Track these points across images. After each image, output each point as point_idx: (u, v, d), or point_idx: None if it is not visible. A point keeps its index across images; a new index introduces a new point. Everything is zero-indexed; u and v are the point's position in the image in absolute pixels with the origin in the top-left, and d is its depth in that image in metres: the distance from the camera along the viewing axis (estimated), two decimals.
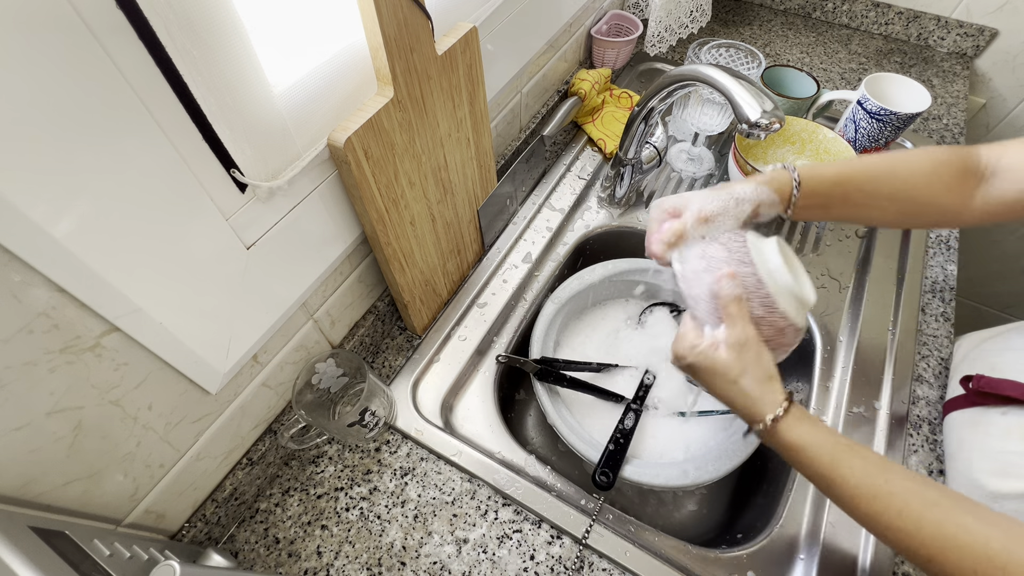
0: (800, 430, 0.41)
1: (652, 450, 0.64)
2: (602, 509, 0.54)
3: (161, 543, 0.44)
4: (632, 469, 0.56)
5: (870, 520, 0.38)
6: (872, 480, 0.38)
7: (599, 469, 0.55)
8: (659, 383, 0.69)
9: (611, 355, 0.72)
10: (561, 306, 0.69)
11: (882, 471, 0.38)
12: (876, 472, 0.38)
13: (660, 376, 0.70)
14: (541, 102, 0.87)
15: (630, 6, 1.04)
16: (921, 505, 0.36)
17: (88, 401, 0.36)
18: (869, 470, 0.38)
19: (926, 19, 1.05)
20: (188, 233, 0.37)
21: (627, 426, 0.60)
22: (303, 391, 0.53)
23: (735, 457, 0.56)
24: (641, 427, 0.65)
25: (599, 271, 0.72)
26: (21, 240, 0.28)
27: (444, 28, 0.52)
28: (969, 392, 0.57)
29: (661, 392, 0.68)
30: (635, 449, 0.63)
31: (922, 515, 0.35)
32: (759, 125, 0.51)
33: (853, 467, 0.39)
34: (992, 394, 0.54)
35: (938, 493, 0.36)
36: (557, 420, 0.59)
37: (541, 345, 0.66)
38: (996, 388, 0.54)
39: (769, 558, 0.52)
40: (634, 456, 0.60)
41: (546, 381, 0.63)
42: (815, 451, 0.40)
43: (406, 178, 0.53)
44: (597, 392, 0.65)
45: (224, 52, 0.34)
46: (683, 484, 0.55)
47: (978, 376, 0.56)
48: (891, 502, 0.37)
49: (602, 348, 0.73)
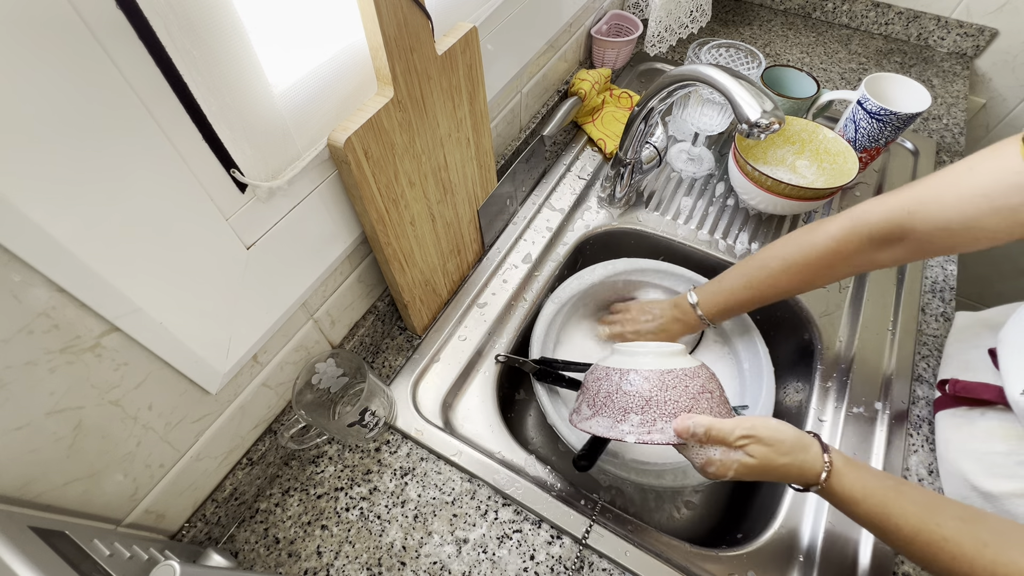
0: (849, 479, 0.42)
1: (651, 449, 0.64)
2: (602, 509, 0.54)
3: (161, 543, 0.44)
4: (632, 469, 0.56)
5: (926, 563, 0.40)
6: (925, 526, 0.39)
7: (580, 453, 0.54)
8: None
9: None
10: (561, 306, 0.69)
11: (933, 514, 0.39)
12: (928, 517, 0.39)
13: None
14: (541, 102, 0.87)
15: (630, 6, 1.04)
16: (973, 548, 0.37)
17: (88, 401, 0.36)
18: (921, 516, 0.39)
19: (926, 19, 1.05)
20: (188, 233, 0.37)
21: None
22: (303, 391, 0.53)
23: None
24: None
25: (599, 271, 0.72)
26: (21, 240, 0.28)
27: (444, 28, 0.52)
28: (946, 395, 0.58)
29: None
30: (634, 448, 0.63)
31: (975, 560, 0.37)
32: (759, 125, 0.51)
33: (906, 514, 0.40)
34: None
35: (988, 532, 0.38)
36: (557, 420, 0.59)
37: (541, 345, 0.66)
38: (971, 392, 0.54)
39: (769, 558, 0.52)
40: (633, 456, 0.60)
41: (545, 381, 0.63)
42: (868, 504, 0.41)
43: (406, 178, 0.53)
44: None
45: (224, 52, 0.34)
46: (683, 484, 0.55)
47: (953, 380, 0.56)
48: (944, 547, 0.38)
49: (602, 347, 0.73)
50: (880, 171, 0.85)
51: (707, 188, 0.84)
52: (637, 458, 0.59)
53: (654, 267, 0.74)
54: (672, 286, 0.74)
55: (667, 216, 0.80)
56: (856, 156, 0.74)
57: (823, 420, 0.61)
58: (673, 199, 0.83)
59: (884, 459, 0.57)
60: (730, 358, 0.71)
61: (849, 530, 0.53)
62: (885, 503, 0.41)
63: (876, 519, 0.41)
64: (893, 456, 0.57)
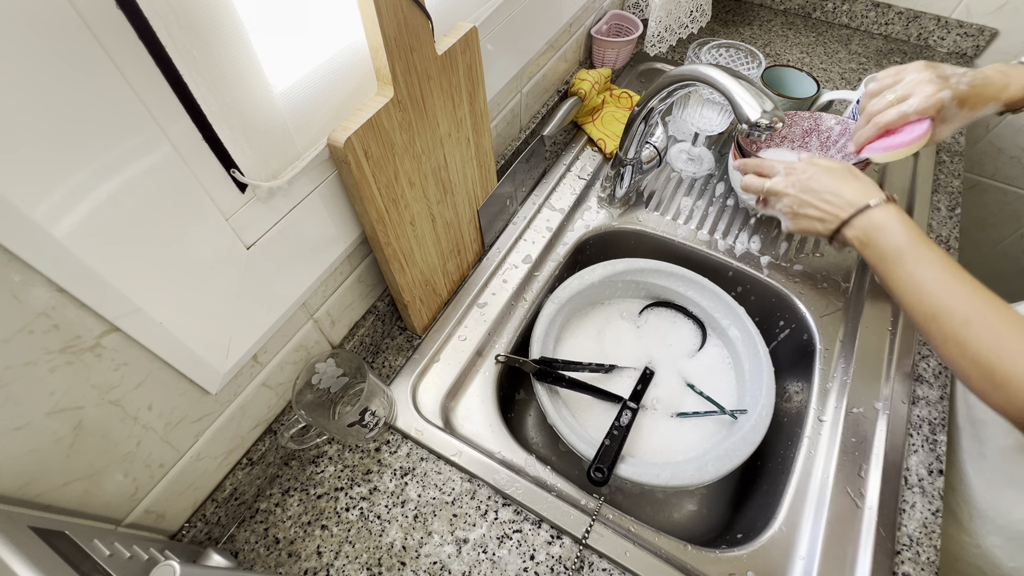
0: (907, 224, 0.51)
1: (651, 449, 0.64)
2: (602, 509, 0.54)
3: (161, 543, 0.44)
4: (632, 469, 0.56)
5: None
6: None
7: (593, 465, 0.55)
8: (658, 381, 0.69)
9: (611, 354, 0.72)
10: (561, 306, 0.69)
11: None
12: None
13: (659, 373, 0.70)
14: (541, 102, 0.87)
15: (630, 6, 1.04)
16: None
17: (88, 401, 0.36)
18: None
19: (926, 19, 1.05)
20: (188, 233, 0.37)
21: (623, 423, 0.60)
22: (303, 391, 0.53)
23: (735, 457, 0.56)
24: (640, 427, 0.65)
25: (599, 271, 0.72)
26: (21, 240, 0.28)
27: (444, 28, 0.52)
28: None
29: (659, 392, 0.69)
30: (634, 448, 0.63)
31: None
32: (759, 125, 0.51)
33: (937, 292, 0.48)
34: None
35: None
36: (557, 420, 0.59)
37: (541, 345, 0.66)
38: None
39: (769, 558, 0.52)
40: (632, 456, 0.60)
41: (546, 381, 0.63)
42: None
43: (406, 178, 0.53)
44: (596, 393, 0.65)
45: (224, 52, 0.34)
46: (683, 484, 0.55)
47: None
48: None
49: (602, 347, 0.73)
50: (880, 171, 0.85)
51: (707, 188, 0.84)
52: (635, 457, 0.59)
53: (654, 267, 0.74)
54: (671, 286, 0.74)
55: (667, 216, 0.80)
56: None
57: (823, 420, 0.61)
58: (673, 199, 0.83)
59: (884, 459, 0.57)
60: (729, 361, 0.71)
61: (849, 530, 0.53)
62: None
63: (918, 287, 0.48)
64: (893, 456, 0.57)
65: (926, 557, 0.52)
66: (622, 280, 0.74)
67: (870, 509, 0.54)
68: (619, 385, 0.68)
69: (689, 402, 0.68)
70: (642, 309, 0.77)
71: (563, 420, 0.59)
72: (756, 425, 0.59)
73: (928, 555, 0.52)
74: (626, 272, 0.73)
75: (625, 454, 0.58)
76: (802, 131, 0.77)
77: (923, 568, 0.51)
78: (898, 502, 0.54)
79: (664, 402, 0.68)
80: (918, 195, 0.81)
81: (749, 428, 0.59)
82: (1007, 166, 1.14)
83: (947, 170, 0.85)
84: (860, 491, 0.55)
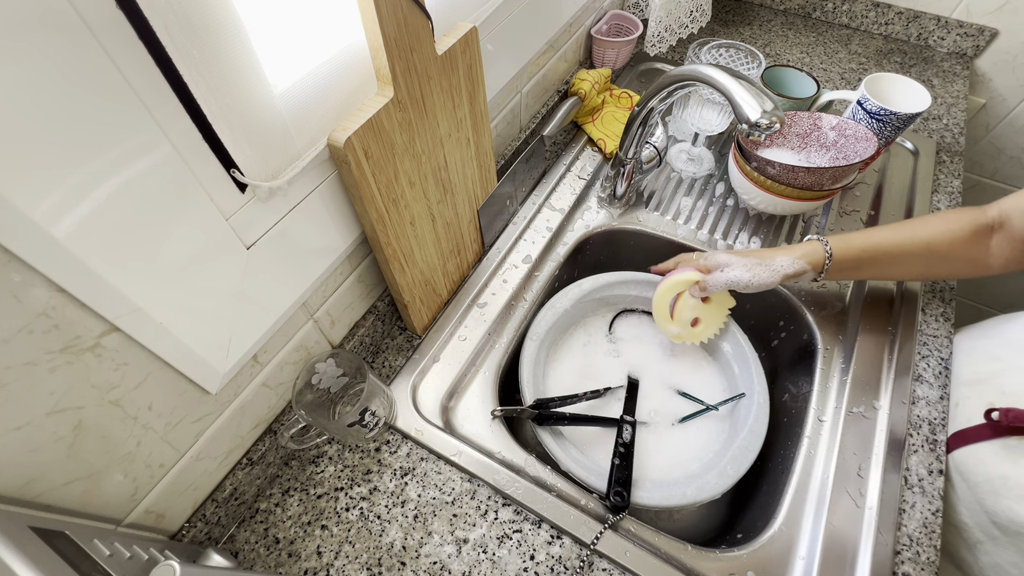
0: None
1: (664, 465, 0.62)
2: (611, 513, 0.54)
3: (161, 543, 0.44)
4: (658, 494, 0.55)
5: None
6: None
7: (611, 489, 0.53)
8: (647, 391, 0.68)
9: (593, 374, 0.71)
10: (541, 342, 0.67)
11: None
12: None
13: (644, 381, 0.69)
14: (541, 102, 0.87)
15: (630, 6, 1.04)
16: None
17: (88, 401, 0.36)
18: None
19: (926, 19, 1.05)
20: (188, 233, 0.37)
21: (626, 439, 0.59)
22: (303, 391, 0.53)
23: (749, 452, 0.57)
24: (648, 445, 0.64)
25: (570, 295, 0.71)
26: (21, 240, 0.28)
27: (444, 28, 0.52)
28: (994, 424, 0.55)
29: (653, 403, 0.68)
30: (649, 470, 0.62)
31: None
32: (759, 125, 0.51)
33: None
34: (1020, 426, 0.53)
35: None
36: (571, 464, 0.56)
37: (532, 388, 0.63)
38: None
39: (769, 558, 0.52)
40: (650, 479, 0.59)
41: (547, 424, 0.60)
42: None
43: (406, 178, 0.53)
44: (598, 422, 0.63)
45: (224, 52, 0.34)
46: (712, 495, 0.55)
47: (1006, 410, 0.54)
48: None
49: (587, 369, 0.72)
50: (880, 171, 0.85)
51: (707, 188, 0.84)
52: (651, 479, 0.58)
53: (619, 279, 0.73)
54: (640, 293, 0.73)
55: (667, 216, 0.80)
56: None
57: (823, 420, 0.61)
58: (673, 199, 0.83)
59: (884, 459, 0.57)
60: (712, 358, 0.72)
61: (849, 530, 0.53)
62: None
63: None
64: (893, 456, 0.57)
65: (926, 557, 0.52)
66: (591, 299, 0.73)
67: (870, 509, 0.54)
68: (616, 406, 0.67)
69: (685, 405, 0.68)
70: (611, 321, 0.76)
71: (576, 462, 0.57)
72: (758, 414, 0.60)
73: (928, 555, 0.52)
74: (594, 290, 0.72)
75: (642, 478, 0.57)
76: (802, 131, 0.77)
77: (923, 568, 0.51)
78: (898, 502, 0.54)
79: (662, 413, 0.67)
80: (918, 195, 0.81)
81: (753, 419, 0.59)
82: (1007, 166, 1.14)
83: (947, 170, 0.85)
84: (860, 491, 0.55)
